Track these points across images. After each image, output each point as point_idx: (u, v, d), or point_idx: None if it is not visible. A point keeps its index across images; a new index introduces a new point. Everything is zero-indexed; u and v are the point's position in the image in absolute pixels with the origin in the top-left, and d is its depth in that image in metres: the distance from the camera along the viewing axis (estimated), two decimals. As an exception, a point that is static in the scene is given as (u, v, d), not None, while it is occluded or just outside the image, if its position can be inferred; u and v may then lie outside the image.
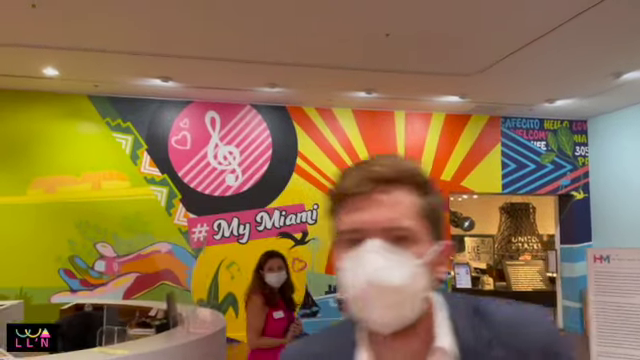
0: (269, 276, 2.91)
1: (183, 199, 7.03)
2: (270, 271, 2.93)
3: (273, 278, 2.90)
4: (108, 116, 6.92)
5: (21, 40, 5.00)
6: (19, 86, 6.52)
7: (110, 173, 6.88)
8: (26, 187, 6.64)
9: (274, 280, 2.90)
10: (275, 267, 2.95)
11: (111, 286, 6.76)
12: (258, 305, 2.90)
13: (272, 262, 2.97)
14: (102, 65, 5.81)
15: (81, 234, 6.73)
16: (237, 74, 6.10)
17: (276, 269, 2.93)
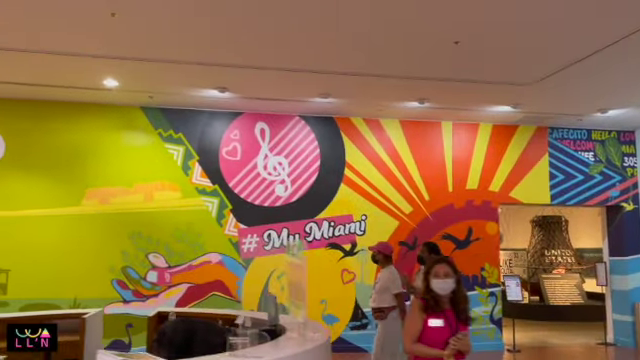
0: (433, 282, 2.78)
1: (234, 209, 7.04)
2: (435, 277, 2.80)
3: (437, 285, 2.76)
4: (160, 127, 6.99)
5: (88, 50, 5.07)
6: (76, 98, 6.62)
7: (162, 184, 6.92)
8: (81, 198, 6.70)
9: (438, 287, 2.76)
10: (441, 273, 2.80)
11: (162, 297, 6.76)
12: (415, 309, 2.82)
13: (438, 268, 2.84)
14: (160, 76, 5.87)
15: (133, 245, 6.75)
16: (292, 84, 6.13)
17: (441, 275, 2.79)
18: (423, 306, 2.80)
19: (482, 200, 7.70)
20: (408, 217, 7.47)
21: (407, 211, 7.48)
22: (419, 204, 7.53)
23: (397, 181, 7.50)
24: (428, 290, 2.84)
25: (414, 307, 2.87)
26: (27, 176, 6.61)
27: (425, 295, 2.84)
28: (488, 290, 7.59)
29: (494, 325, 7.53)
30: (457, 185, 7.66)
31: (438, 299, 2.80)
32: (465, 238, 7.60)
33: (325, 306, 7.08)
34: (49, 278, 6.47)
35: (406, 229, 7.43)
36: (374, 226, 7.33)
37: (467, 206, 7.65)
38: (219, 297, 6.86)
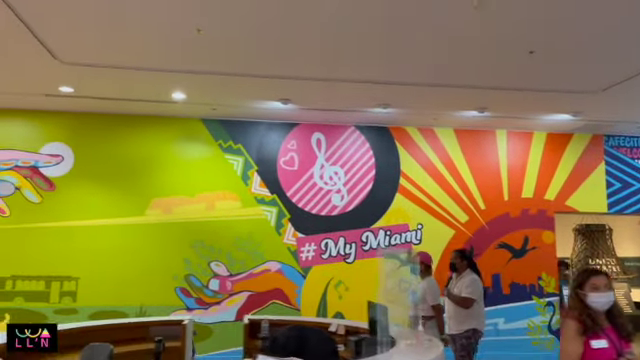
0: (593, 297, 2.45)
1: (292, 219, 7.14)
2: (594, 290, 2.48)
3: (597, 299, 2.44)
4: (220, 139, 7.15)
5: (164, 65, 5.24)
6: (141, 111, 6.82)
7: (223, 193, 7.07)
8: (145, 208, 6.88)
9: (598, 301, 2.44)
10: (601, 286, 2.48)
11: (224, 305, 6.87)
12: (572, 330, 2.49)
13: (596, 280, 2.52)
14: (226, 88, 6.01)
15: (196, 253, 6.90)
16: (354, 95, 6.21)
17: (602, 288, 2.48)
18: (581, 328, 2.49)
19: (538, 209, 7.65)
20: (464, 226, 7.47)
21: (463, 220, 7.48)
22: (475, 213, 7.52)
23: (452, 190, 7.52)
24: (584, 307, 2.54)
25: (569, 330, 2.55)
26: (95, 187, 6.83)
27: (581, 315, 2.53)
28: (545, 300, 7.52)
29: (552, 335, 7.44)
30: (512, 194, 7.64)
31: (595, 317, 2.52)
32: (521, 247, 7.55)
33: (383, 315, 7.10)
34: (116, 286, 6.65)
35: (462, 238, 7.43)
36: (430, 235, 7.34)
37: (523, 215, 7.62)
38: (279, 305, 6.95)
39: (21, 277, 6.53)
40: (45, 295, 6.54)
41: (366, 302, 6.95)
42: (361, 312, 6.39)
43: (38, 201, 6.67)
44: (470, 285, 5.29)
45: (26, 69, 5.33)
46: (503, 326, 7.31)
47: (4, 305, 6.43)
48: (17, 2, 3.88)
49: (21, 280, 6.53)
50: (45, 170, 6.74)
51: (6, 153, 6.67)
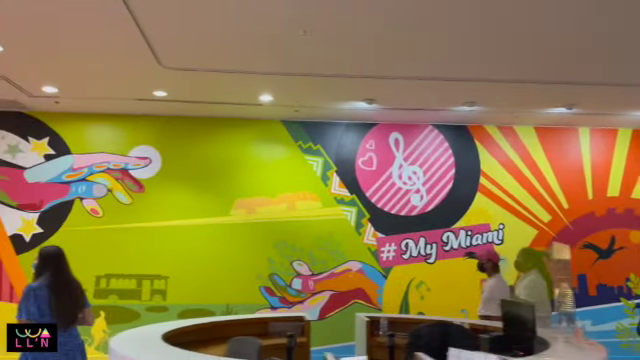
0: None
1: (371, 219, 7.15)
2: None
3: None
4: (300, 140, 7.24)
5: (257, 68, 5.35)
6: (224, 114, 6.98)
7: (303, 194, 7.15)
8: (230, 208, 7.03)
9: None
10: None
11: (307, 304, 6.94)
12: None
13: None
14: (313, 89, 6.09)
15: (279, 253, 7.00)
16: (440, 93, 6.18)
17: None
18: None
19: (624, 208, 7.40)
20: (547, 226, 7.30)
21: (546, 220, 7.31)
22: (558, 212, 7.34)
23: (534, 189, 7.36)
24: None
25: None
26: (181, 188, 7.03)
27: None
28: (634, 302, 7.25)
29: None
30: (597, 192, 7.41)
31: None
32: (608, 247, 7.32)
33: (466, 316, 7.01)
34: (203, 284, 6.82)
35: (545, 238, 7.26)
36: (512, 235, 7.21)
37: (608, 214, 7.38)
38: (361, 305, 6.97)
39: (115, 275, 6.78)
40: (137, 293, 6.77)
41: (449, 303, 6.92)
42: (444, 312, 6.37)
43: (128, 202, 6.92)
44: (528, 286, 5.14)
45: (128, 74, 5.54)
46: (591, 328, 7.08)
47: (99, 302, 6.68)
48: (135, 6, 4.03)
49: (115, 278, 6.78)
50: (134, 172, 6.98)
51: (99, 156, 6.95)
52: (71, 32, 4.52)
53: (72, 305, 3.59)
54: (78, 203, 6.84)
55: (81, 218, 6.82)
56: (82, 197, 6.85)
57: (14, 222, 6.72)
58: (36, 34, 4.57)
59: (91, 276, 6.71)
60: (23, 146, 6.86)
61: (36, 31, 4.50)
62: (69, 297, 3.57)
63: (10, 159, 6.81)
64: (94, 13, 4.13)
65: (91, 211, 6.85)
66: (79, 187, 6.87)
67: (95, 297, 6.68)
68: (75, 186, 6.87)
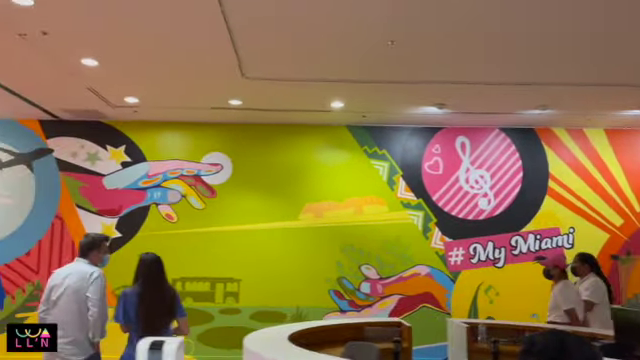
0: None
1: (438, 223, 7.17)
2: None
3: None
4: (366, 145, 7.32)
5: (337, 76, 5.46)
6: (294, 120, 7.12)
7: (370, 198, 7.22)
8: (298, 212, 7.17)
9: None
10: None
11: (376, 307, 7.01)
12: None
13: None
14: (384, 95, 6.15)
15: (347, 256, 7.09)
16: (511, 97, 6.14)
17: None
18: None
19: (701, 211, 7.19)
20: (619, 230, 7.15)
21: (617, 223, 7.16)
22: (630, 216, 7.19)
23: (605, 192, 7.23)
24: None
25: None
26: (251, 193, 7.21)
27: None
28: None
29: None
30: (672, 195, 7.22)
31: None
32: (684, 252, 7.12)
33: (537, 320, 6.94)
34: (274, 287, 6.97)
35: (617, 242, 7.12)
36: (583, 239, 7.09)
37: (684, 217, 7.18)
38: (429, 309, 6.99)
39: (189, 279, 7.01)
40: (211, 295, 6.98)
41: (518, 307, 6.86)
42: (514, 317, 6.31)
43: (201, 207, 7.14)
44: (589, 288, 5.13)
45: (210, 86, 5.73)
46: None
47: (175, 304, 6.91)
48: (233, 23, 4.19)
49: (189, 281, 7.00)
50: (207, 178, 7.20)
51: (173, 163, 7.20)
52: (165, 49, 4.72)
53: (160, 313, 3.76)
54: (154, 208, 7.10)
55: (157, 223, 7.08)
56: (157, 203, 7.11)
57: (95, 227, 7.01)
58: (130, 50, 4.79)
59: (167, 279, 6.94)
60: (102, 154, 7.17)
61: (130, 47, 4.72)
62: (158, 305, 3.75)
63: (90, 166, 7.13)
64: (194, 32, 4.32)
65: (166, 216, 7.10)
66: (154, 193, 7.14)
67: (171, 299, 6.92)
68: (151, 192, 7.14)
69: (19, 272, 6.88)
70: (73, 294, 3.91)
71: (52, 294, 3.96)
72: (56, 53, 4.83)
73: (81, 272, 3.97)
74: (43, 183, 7.07)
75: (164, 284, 3.94)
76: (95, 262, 4.14)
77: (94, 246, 4.14)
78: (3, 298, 6.81)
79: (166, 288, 3.95)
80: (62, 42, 4.60)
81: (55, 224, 7.01)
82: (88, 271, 3.97)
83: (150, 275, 3.88)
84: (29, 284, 6.87)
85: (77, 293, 3.91)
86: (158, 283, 3.88)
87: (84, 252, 4.12)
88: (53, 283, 3.99)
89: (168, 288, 3.98)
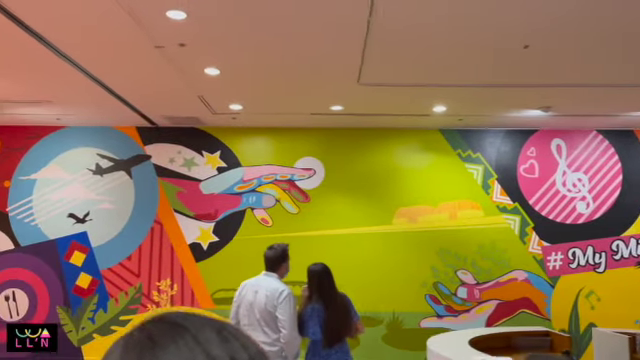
0: None
1: (536, 227, 7.05)
2: None
3: None
4: (459, 148, 7.25)
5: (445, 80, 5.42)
6: (386, 124, 7.11)
7: (464, 202, 7.15)
8: (392, 217, 7.16)
9: None
10: None
11: (474, 313, 6.94)
12: None
13: None
14: (488, 99, 6.08)
15: (442, 261, 7.04)
16: (615, 98, 5.99)
17: None
18: None
19: None
20: None
21: None
22: None
23: None
24: None
25: None
26: (344, 198, 7.23)
27: None
28: None
29: None
30: None
31: None
32: None
33: (642, 328, 6.76)
34: (370, 292, 6.97)
35: None
36: (689, 244, 6.88)
37: None
38: (528, 314, 6.88)
39: (286, 283, 7.05)
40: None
41: (622, 313, 6.69)
42: (617, 323, 6.16)
43: (296, 212, 7.20)
44: None
45: (320, 91, 5.76)
46: None
47: (273, 308, 6.99)
48: (377, 25, 4.19)
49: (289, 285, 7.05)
50: (300, 183, 7.25)
51: (267, 168, 7.28)
52: (288, 57, 4.75)
53: (341, 322, 3.79)
54: (249, 213, 7.20)
55: (253, 227, 7.17)
56: (253, 207, 7.20)
57: (192, 231, 7.16)
58: (251, 58, 4.83)
59: (264, 283, 7.03)
60: (198, 160, 7.30)
61: (253, 56, 4.76)
62: (341, 315, 3.77)
63: (186, 172, 7.27)
64: (327, 40, 4.33)
65: (261, 220, 7.19)
66: (250, 198, 7.23)
67: (268, 303, 7.00)
68: (246, 197, 7.23)
69: (122, 276, 7.07)
70: (260, 311, 3.82)
71: (241, 309, 3.91)
72: (182, 63, 4.93)
73: (270, 289, 3.86)
74: (142, 188, 7.24)
75: (337, 292, 3.98)
76: (283, 274, 4.09)
77: (283, 258, 4.07)
78: (107, 301, 7.01)
79: (341, 296, 3.98)
80: (192, 53, 4.68)
81: (154, 229, 7.17)
82: (278, 288, 3.86)
83: (324, 287, 3.91)
84: (131, 287, 7.05)
85: (264, 311, 3.81)
86: (334, 294, 3.91)
87: (273, 266, 4.02)
88: (243, 298, 3.91)
89: (342, 295, 4.02)
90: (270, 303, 3.79)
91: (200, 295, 7.05)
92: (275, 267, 4.01)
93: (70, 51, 4.65)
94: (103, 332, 6.96)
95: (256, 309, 3.81)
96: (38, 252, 7.09)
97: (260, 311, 3.82)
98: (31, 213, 7.17)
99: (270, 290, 3.86)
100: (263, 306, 3.82)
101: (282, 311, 3.78)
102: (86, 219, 7.16)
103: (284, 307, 3.80)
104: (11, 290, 7.03)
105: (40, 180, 7.25)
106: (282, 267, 4.05)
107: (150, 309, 7.01)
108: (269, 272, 4.00)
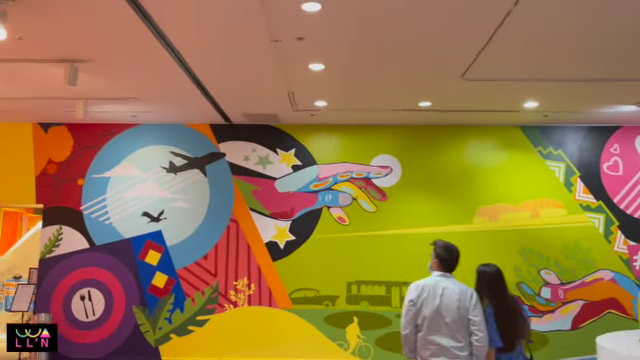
0: None
1: (621, 226, 6.87)
2: None
3: None
4: (540, 145, 7.09)
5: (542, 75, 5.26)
6: (468, 121, 6.96)
7: (546, 201, 6.99)
8: (472, 215, 7.01)
9: None
10: None
11: (558, 313, 6.78)
12: None
13: None
14: (581, 95, 5.91)
15: (525, 261, 6.88)
16: None
17: None
18: None
19: None
20: None
21: None
22: None
23: None
24: None
25: None
26: (422, 196, 7.08)
27: None
28: None
29: None
30: None
31: None
32: None
33: None
34: (450, 292, 6.82)
35: None
36: None
37: None
38: (615, 315, 6.71)
39: (364, 282, 6.95)
40: (387, 299, 6.90)
41: None
42: None
43: (373, 210, 7.07)
44: None
45: (417, 86, 5.61)
46: None
47: (352, 308, 6.88)
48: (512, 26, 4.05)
49: (365, 285, 6.94)
50: (376, 181, 7.12)
51: (342, 166, 7.16)
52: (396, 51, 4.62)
53: (517, 324, 3.66)
54: (326, 211, 7.07)
55: (329, 226, 7.04)
56: (329, 206, 7.08)
57: (269, 230, 7.05)
58: (356, 53, 4.70)
59: (343, 282, 6.93)
60: (272, 157, 7.18)
61: (359, 50, 4.62)
62: (514, 317, 3.64)
63: (261, 170, 7.16)
64: (449, 35, 4.20)
65: (338, 219, 7.06)
66: (326, 196, 7.11)
67: (347, 303, 6.90)
68: (322, 195, 7.11)
69: (198, 275, 6.98)
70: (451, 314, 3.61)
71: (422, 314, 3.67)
72: (290, 58, 4.81)
73: (459, 290, 3.66)
74: (217, 187, 7.14)
75: (509, 293, 3.84)
76: None
77: (459, 259, 3.89)
78: (184, 301, 6.92)
79: (513, 297, 3.86)
80: (305, 47, 4.55)
81: (230, 227, 7.07)
82: (467, 290, 3.70)
83: (499, 290, 3.77)
84: (208, 287, 6.96)
85: (455, 314, 3.60)
86: (509, 296, 3.78)
87: (452, 266, 3.85)
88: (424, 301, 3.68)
89: (513, 297, 3.89)
90: (463, 305, 3.61)
91: (278, 295, 6.94)
92: (453, 268, 3.83)
93: (180, 44, 4.53)
94: (180, 332, 6.87)
95: (444, 312, 3.60)
96: (113, 251, 7.01)
97: (450, 314, 3.59)
98: (105, 212, 7.10)
99: (460, 292, 3.67)
100: (455, 309, 3.60)
101: (476, 312, 3.59)
102: (161, 218, 7.07)
103: (478, 308, 3.61)
104: (87, 290, 6.96)
105: (113, 178, 7.17)
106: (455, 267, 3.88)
107: (227, 309, 6.91)
108: (446, 273, 3.81)
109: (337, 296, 6.93)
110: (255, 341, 6.83)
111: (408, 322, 3.67)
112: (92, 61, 4.89)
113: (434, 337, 3.56)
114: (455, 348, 3.52)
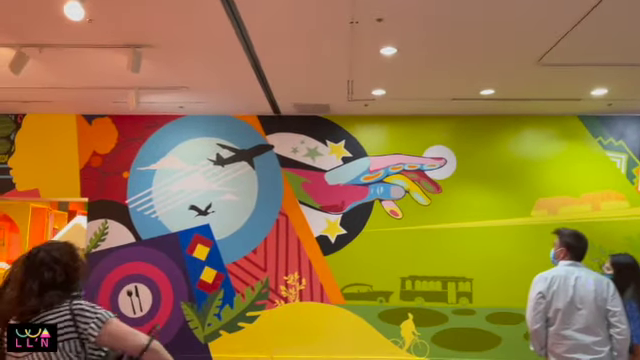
0: None
1: (686, 219, 6.61)
2: None
3: None
4: (599, 135, 6.84)
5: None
6: (526, 111, 6.72)
7: (608, 193, 6.74)
8: (530, 208, 6.77)
9: None
10: None
11: (622, 310, 6.52)
12: None
13: None
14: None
15: (587, 255, 6.62)
16: None
17: None
18: None
19: None
20: None
21: None
22: None
23: None
24: None
25: None
26: (477, 188, 6.85)
27: None
28: None
29: None
30: None
31: None
32: None
33: None
34: (508, 287, 6.60)
35: None
36: None
37: None
38: (682, 312, 6.45)
39: (419, 277, 6.74)
40: (443, 295, 6.68)
41: None
42: None
43: (426, 203, 6.85)
44: None
45: (489, 71, 5.37)
46: None
47: (406, 304, 6.67)
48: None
49: (419, 280, 6.73)
50: (430, 173, 6.90)
51: (394, 158, 6.94)
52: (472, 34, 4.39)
53: None
54: (377, 204, 6.86)
55: (381, 219, 6.83)
56: (381, 199, 6.86)
57: (319, 224, 6.85)
58: (434, 34, 4.48)
59: (396, 277, 6.73)
60: (321, 149, 6.98)
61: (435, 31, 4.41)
62: None
63: (310, 162, 6.96)
64: (532, 20, 3.97)
65: (390, 212, 6.85)
66: (377, 189, 6.89)
67: (402, 299, 6.69)
68: (373, 188, 6.89)
69: (247, 270, 6.79)
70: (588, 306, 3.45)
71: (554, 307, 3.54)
72: (364, 42, 4.59)
73: (595, 280, 3.50)
74: (265, 179, 6.94)
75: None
76: None
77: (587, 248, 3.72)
78: (233, 296, 6.74)
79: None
80: (381, 30, 4.33)
81: (280, 221, 6.87)
82: (602, 279, 3.52)
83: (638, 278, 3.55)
84: (258, 282, 6.77)
85: (593, 305, 3.44)
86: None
87: (582, 255, 3.71)
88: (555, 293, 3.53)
89: None
90: (600, 296, 3.41)
91: (330, 290, 6.74)
92: (582, 257, 3.62)
93: (251, 24, 4.31)
94: (230, 329, 6.69)
95: (579, 304, 3.41)
96: (160, 245, 6.84)
97: (586, 306, 3.41)
98: (151, 205, 6.92)
99: (595, 281, 3.49)
100: (592, 300, 3.42)
101: (615, 302, 3.40)
102: (208, 211, 6.89)
103: (617, 298, 3.42)
104: (133, 285, 6.80)
105: (159, 171, 6.99)
106: None
107: (278, 305, 6.72)
108: (576, 262, 3.61)
109: (391, 292, 6.72)
110: (307, 338, 6.64)
111: (539, 316, 3.46)
112: (154, 47, 4.70)
113: (568, 331, 3.35)
114: (594, 343, 3.30)
